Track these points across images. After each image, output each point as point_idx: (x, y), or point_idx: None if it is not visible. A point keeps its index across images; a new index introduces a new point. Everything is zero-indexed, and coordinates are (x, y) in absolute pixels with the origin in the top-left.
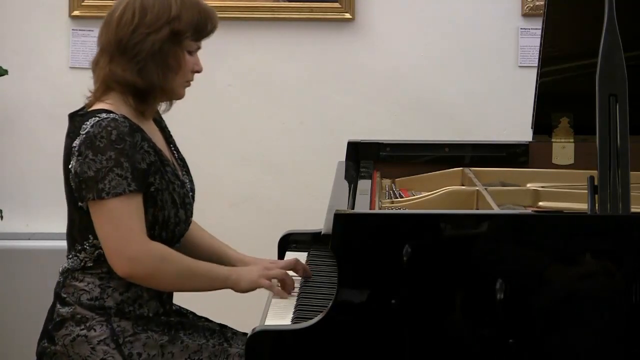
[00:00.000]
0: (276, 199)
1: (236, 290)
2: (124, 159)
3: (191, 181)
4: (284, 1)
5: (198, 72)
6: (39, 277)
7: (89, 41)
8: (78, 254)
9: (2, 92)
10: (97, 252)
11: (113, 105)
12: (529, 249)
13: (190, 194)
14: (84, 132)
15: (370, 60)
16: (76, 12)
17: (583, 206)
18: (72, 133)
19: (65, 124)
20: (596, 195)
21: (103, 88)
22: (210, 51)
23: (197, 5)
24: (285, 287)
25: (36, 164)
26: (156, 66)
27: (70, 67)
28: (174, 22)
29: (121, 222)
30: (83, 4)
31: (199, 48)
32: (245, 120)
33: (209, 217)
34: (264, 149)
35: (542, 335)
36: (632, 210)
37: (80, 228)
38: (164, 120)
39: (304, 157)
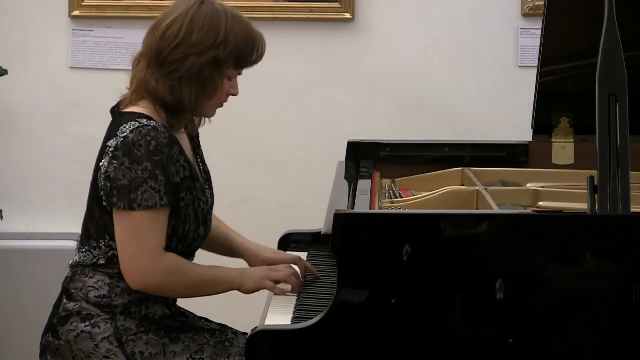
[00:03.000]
0: (276, 199)
1: (242, 292)
2: (159, 171)
3: (212, 195)
4: (284, 1)
5: (234, 95)
6: (39, 277)
7: (89, 41)
8: (92, 250)
9: (2, 92)
10: (111, 252)
11: (148, 111)
12: (529, 249)
13: (210, 212)
14: (122, 135)
15: (370, 60)
16: (76, 12)
17: (583, 206)
18: (110, 130)
19: (65, 124)
20: (596, 195)
21: (136, 93)
22: None
23: (245, 32)
24: (293, 286)
25: (36, 164)
26: (190, 88)
27: (70, 67)
28: (219, 48)
29: (142, 234)
30: (83, 4)
31: (239, 74)
32: (245, 120)
33: None
34: (264, 149)
35: (542, 335)
36: (632, 210)
37: (98, 225)
38: (197, 130)
39: (304, 157)
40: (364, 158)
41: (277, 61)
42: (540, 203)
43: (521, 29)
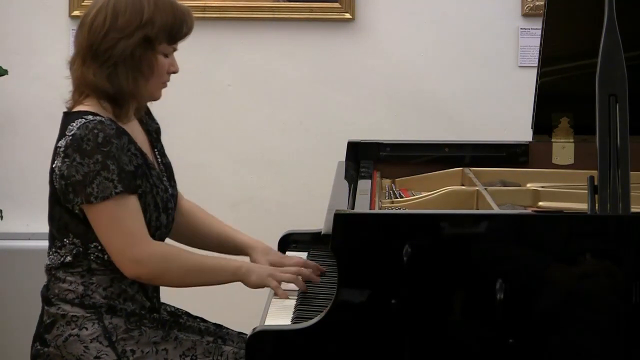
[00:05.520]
0: (276, 199)
1: (245, 284)
2: (110, 161)
3: (174, 187)
4: (284, 1)
5: (174, 72)
6: (39, 277)
7: None
8: (58, 250)
9: (2, 92)
10: (75, 249)
11: (93, 107)
12: (529, 249)
13: (172, 200)
14: (70, 134)
15: (370, 60)
16: (76, 12)
17: (583, 206)
18: (60, 132)
19: None
20: (596, 195)
21: (78, 92)
22: (210, 51)
23: (171, 8)
24: (299, 288)
25: (36, 164)
26: (126, 71)
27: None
28: (147, 27)
29: (120, 224)
30: (83, 4)
31: (175, 50)
32: (245, 120)
33: None
34: (264, 149)
35: (542, 335)
36: (632, 210)
37: (59, 226)
38: (155, 123)
39: (304, 157)
40: (364, 158)
41: (277, 61)
42: (540, 203)
43: (521, 29)
